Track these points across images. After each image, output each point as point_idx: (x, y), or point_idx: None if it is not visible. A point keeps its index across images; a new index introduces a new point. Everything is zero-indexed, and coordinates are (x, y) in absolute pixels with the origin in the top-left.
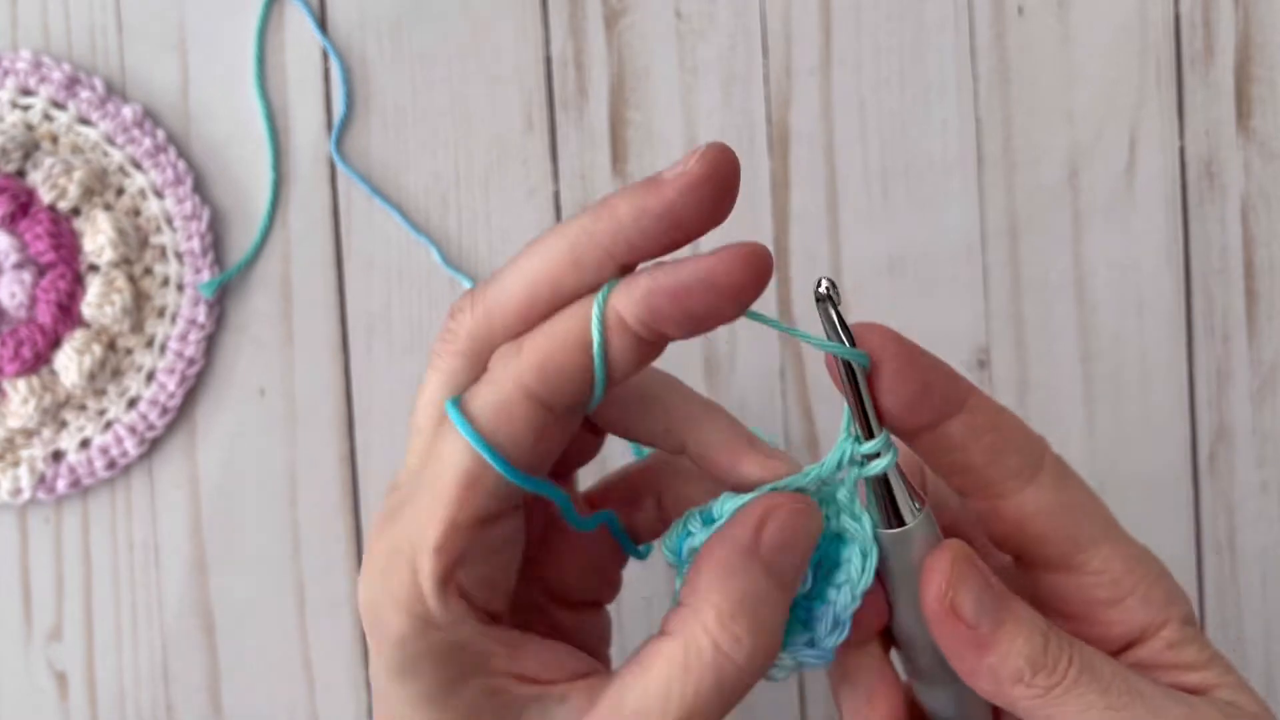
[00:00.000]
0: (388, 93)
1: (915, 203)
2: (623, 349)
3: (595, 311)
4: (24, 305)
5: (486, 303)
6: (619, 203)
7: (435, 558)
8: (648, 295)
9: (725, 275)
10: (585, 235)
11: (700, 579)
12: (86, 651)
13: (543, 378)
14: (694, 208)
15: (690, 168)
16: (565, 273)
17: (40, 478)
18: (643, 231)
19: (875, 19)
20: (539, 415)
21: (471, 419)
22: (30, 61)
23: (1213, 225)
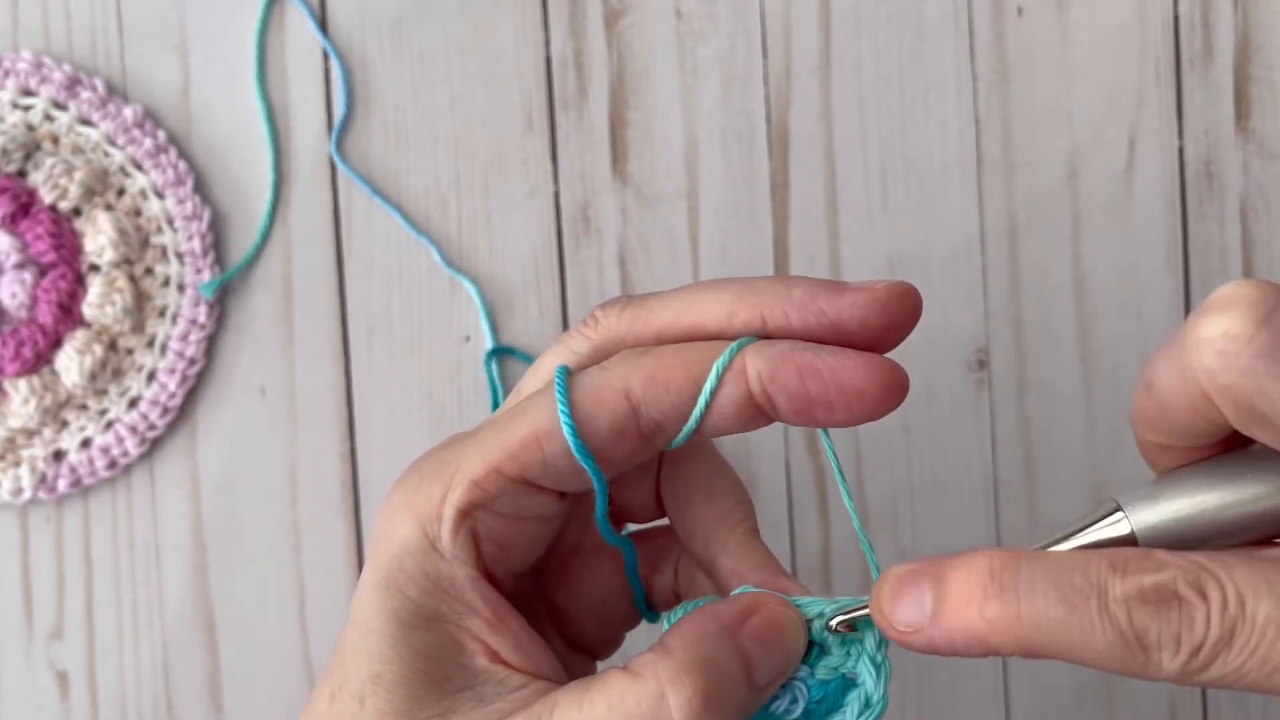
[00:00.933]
0: (388, 93)
1: (915, 203)
2: (731, 398)
3: (728, 350)
4: (25, 305)
5: (636, 311)
6: (799, 285)
7: (469, 487)
8: (778, 358)
9: (855, 379)
10: (751, 293)
11: (674, 636)
12: (87, 651)
13: (647, 385)
14: (858, 327)
15: (875, 295)
16: (718, 316)
17: (41, 477)
18: (803, 319)
19: (875, 19)
20: (627, 416)
21: (570, 389)
22: (31, 62)
23: (1212, 226)
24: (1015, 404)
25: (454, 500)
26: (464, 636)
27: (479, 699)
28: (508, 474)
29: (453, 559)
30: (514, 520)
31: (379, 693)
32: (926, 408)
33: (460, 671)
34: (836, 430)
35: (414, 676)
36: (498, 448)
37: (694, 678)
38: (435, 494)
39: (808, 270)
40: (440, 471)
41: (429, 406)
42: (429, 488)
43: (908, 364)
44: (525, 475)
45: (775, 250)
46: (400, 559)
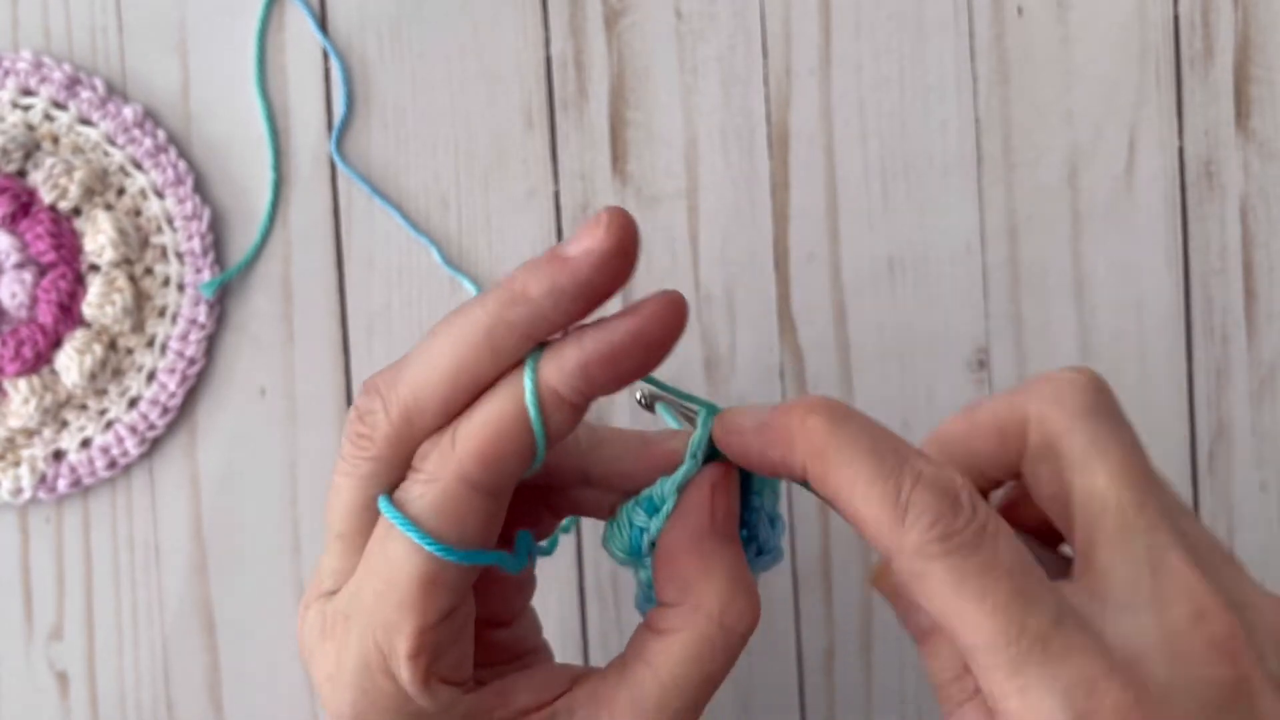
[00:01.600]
0: (388, 93)
1: (915, 203)
2: (560, 421)
3: (529, 394)
4: (25, 305)
5: (403, 404)
6: (530, 286)
7: (412, 664)
8: (583, 368)
9: (659, 330)
10: (502, 325)
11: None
12: (87, 651)
13: (485, 466)
14: (608, 280)
15: (598, 243)
16: (485, 365)
17: (41, 477)
18: (562, 312)
19: (875, 19)
20: (484, 503)
21: (414, 519)
22: (31, 62)
23: (1212, 225)
24: None
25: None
26: None
27: None
28: (431, 625)
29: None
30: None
31: None
32: (926, 408)
33: None
34: None
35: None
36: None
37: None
38: (388, 687)
39: (807, 270)
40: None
41: None
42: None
43: (908, 363)
44: (443, 613)
45: (775, 250)
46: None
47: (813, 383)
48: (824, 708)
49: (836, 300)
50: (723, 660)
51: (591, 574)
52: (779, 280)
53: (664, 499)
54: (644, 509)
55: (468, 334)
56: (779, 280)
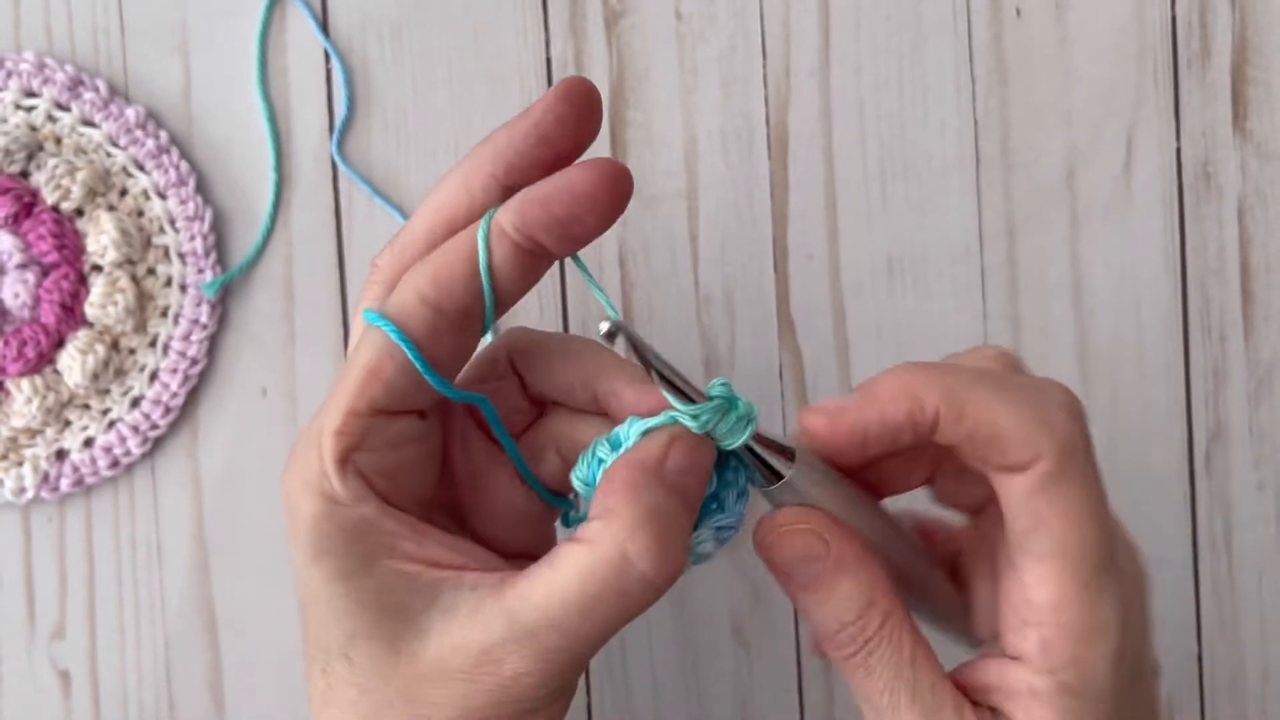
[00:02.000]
0: (389, 94)
1: (914, 203)
2: (504, 257)
3: (482, 223)
4: (27, 305)
5: (400, 240)
6: (496, 132)
7: (335, 439)
8: (521, 204)
9: (582, 183)
10: (471, 164)
11: (612, 495)
12: (89, 650)
13: (435, 284)
14: (555, 125)
15: (550, 95)
16: (459, 200)
17: (44, 477)
18: (518, 152)
19: (874, 20)
20: (433, 316)
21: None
22: (34, 63)
23: (1209, 226)
24: None
25: (328, 455)
26: (401, 563)
27: (444, 609)
28: (361, 411)
29: (354, 502)
30: (389, 450)
31: (359, 646)
32: None
33: (415, 594)
34: None
35: (381, 618)
36: (344, 395)
37: (644, 529)
38: (313, 459)
39: (805, 271)
40: (309, 440)
41: None
42: (306, 457)
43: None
44: (376, 406)
45: (775, 250)
46: (314, 527)
47: (812, 383)
48: (823, 707)
49: (836, 300)
50: (612, 587)
51: None
52: (779, 280)
53: (628, 438)
54: (610, 444)
55: (448, 179)
56: (779, 280)
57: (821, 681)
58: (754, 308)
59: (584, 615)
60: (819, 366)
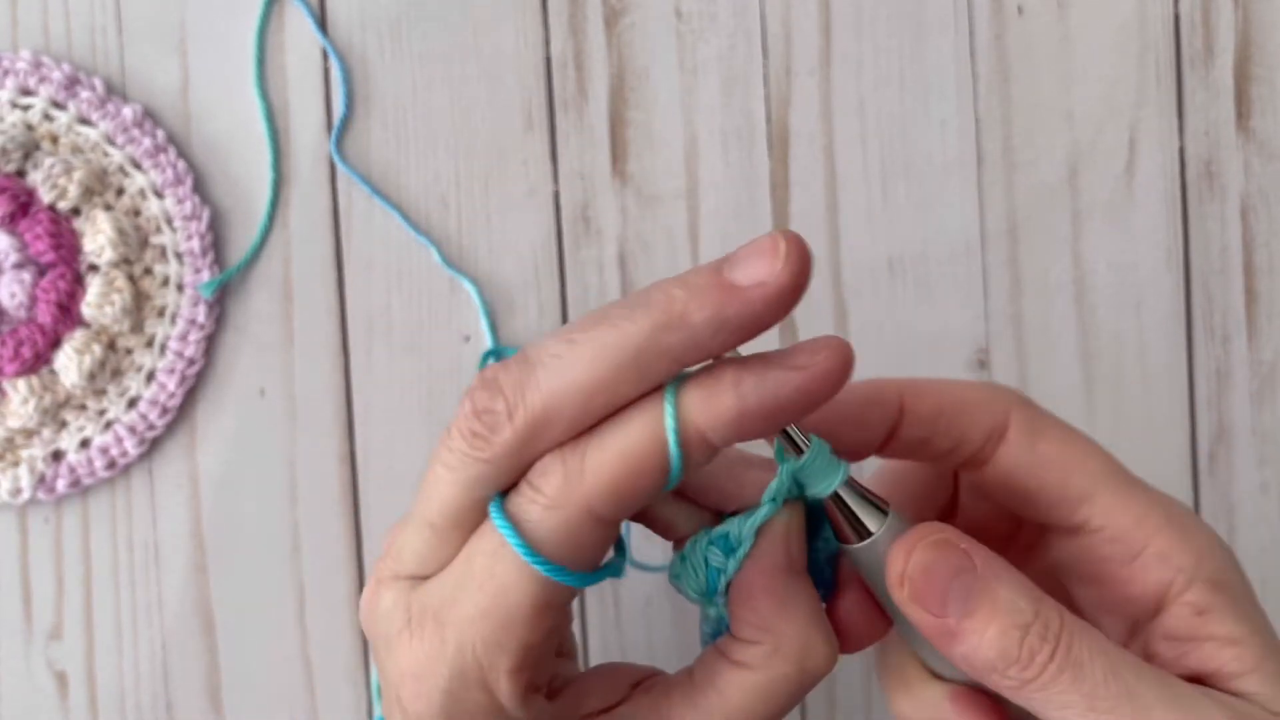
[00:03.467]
0: (388, 93)
1: (915, 203)
2: (699, 462)
3: (671, 434)
4: (24, 305)
5: (531, 414)
6: (692, 311)
7: (514, 679)
8: (739, 418)
9: (826, 389)
10: (654, 349)
11: (765, 616)
12: (86, 651)
13: (614, 502)
14: (777, 315)
15: (775, 277)
16: (628, 386)
17: (40, 478)
18: (721, 344)
19: (875, 19)
20: (605, 534)
21: (532, 543)
22: (30, 61)
23: (1212, 225)
24: None
25: (508, 693)
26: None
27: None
28: (536, 644)
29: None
30: (550, 652)
31: None
32: None
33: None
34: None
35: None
36: (514, 632)
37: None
38: (482, 700)
39: None
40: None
41: (429, 406)
42: (472, 699)
43: (908, 364)
44: (549, 633)
45: None
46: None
47: None
48: (824, 709)
49: (836, 300)
50: (795, 700)
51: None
52: None
53: (740, 540)
54: (720, 548)
55: (614, 352)
56: None
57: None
58: None
59: None
60: None
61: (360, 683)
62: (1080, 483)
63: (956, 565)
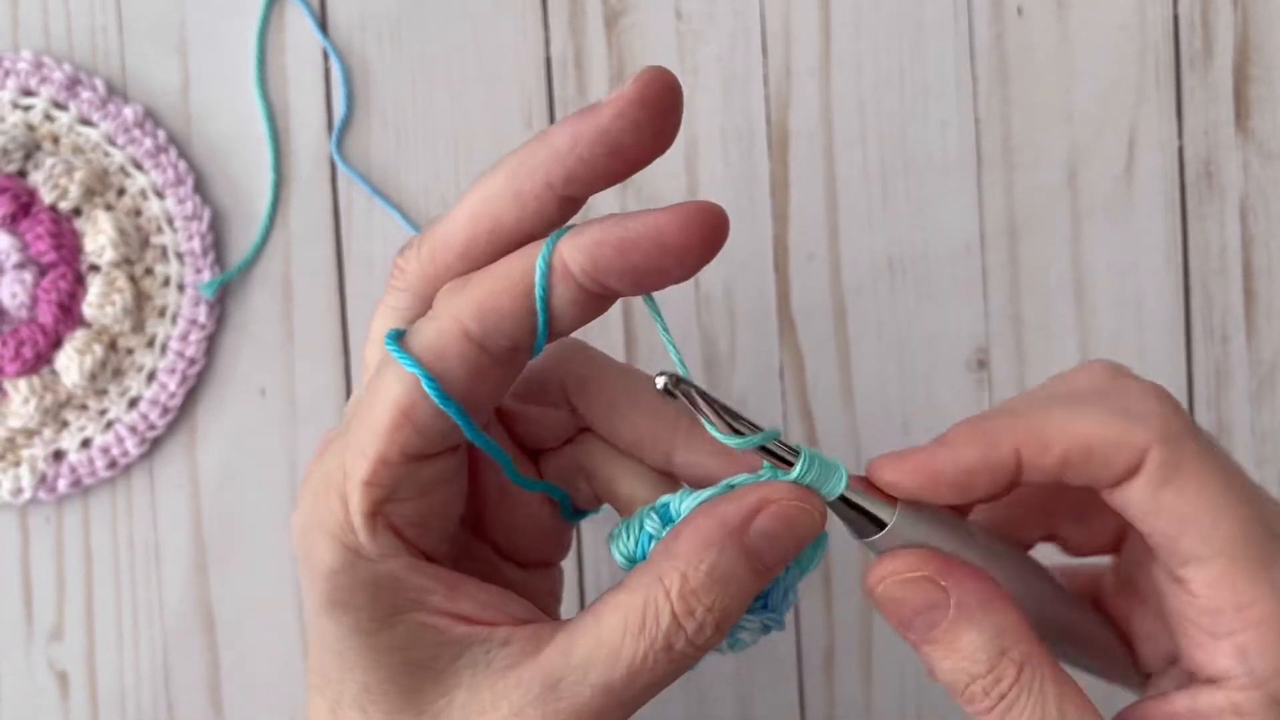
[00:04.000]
0: (388, 93)
1: (914, 203)
2: (566, 298)
3: (541, 256)
4: (25, 305)
5: (433, 242)
6: (556, 131)
7: (364, 490)
8: (594, 245)
9: (676, 233)
10: (523, 167)
11: (677, 544)
12: (87, 651)
13: (481, 317)
14: (630, 132)
15: (624, 92)
16: (506, 206)
17: (41, 477)
18: (580, 159)
19: (875, 19)
20: (476, 354)
21: (410, 352)
22: (31, 62)
23: (1211, 225)
24: None
25: (357, 507)
26: (429, 617)
27: (474, 665)
28: (393, 460)
29: (382, 558)
30: (421, 497)
31: (375, 700)
32: (926, 408)
33: (443, 649)
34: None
35: (401, 671)
36: (372, 439)
37: (703, 593)
38: (337, 508)
39: (806, 270)
40: (329, 484)
41: None
42: (328, 503)
43: (908, 363)
44: (408, 452)
45: (775, 250)
46: (333, 579)
47: (812, 383)
48: (824, 709)
49: (836, 300)
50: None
51: (591, 574)
52: (779, 280)
53: (679, 513)
54: (659, 516)
55: (494, 178)
56: (779, 280)
57: (822, 682)
58: (754, 308)
59: (630, 677)
60: (819, 366)
61: None
62: (1194, 545)
63: (927, 602)
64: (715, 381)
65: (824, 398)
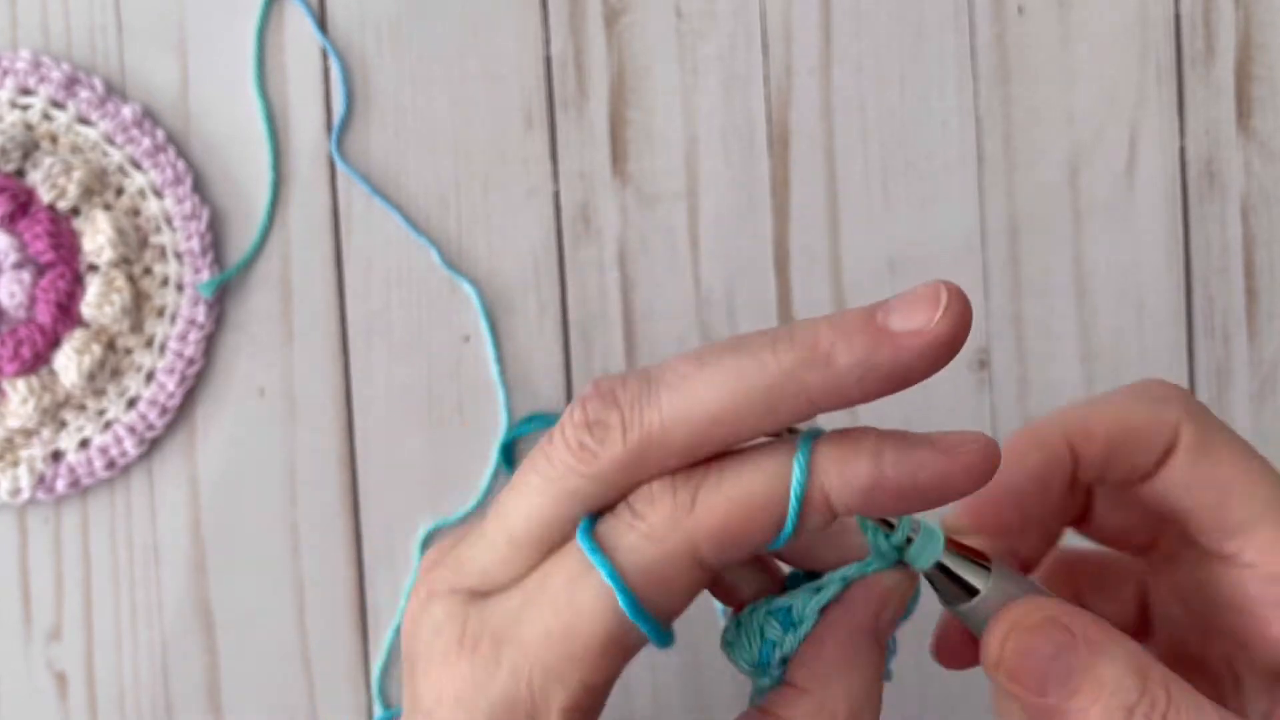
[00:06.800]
0: (388, 92)
1: (915, 202)
2: (816, 526)
3: (795, 490)
4: (23, 305)
5: (647, 432)
6: (839, 352)
7: (565, 718)
8: (871, 490)
9: (965, 483)
10: (792, 385)
11: (828, 667)
12: (86, 652)
13: (719, 547)
14: (929, 369)
15: (933, 328)
16: (754, 420)
17: (39, 478)
18: (864, 391)
19: (876, 18)
20: (701, 580)
21: (622, 573)
22: (30, 61)
23: (1213, 225)
24: (1015, 404)
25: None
26: None
27: None
28: (598, 687)
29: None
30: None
31: None
32: (926, 408)
33: None
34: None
35: None
36: (577, 668)
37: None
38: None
39: (808, 269)
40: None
41: (429, 406)
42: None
43: None
44: (613, 677)
45: (775, 250)
46: None
47: None
48: None
49: (836, 300)
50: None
51: None
52: (779, 280)
53: (802, 618)
54: (779, 621)
55: (747, 381)
56: (779, 280)
57: None
58: (754, 308)
59: None
60: None
61: (360, 683)
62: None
63: (1058, 644)
64: None
65: None
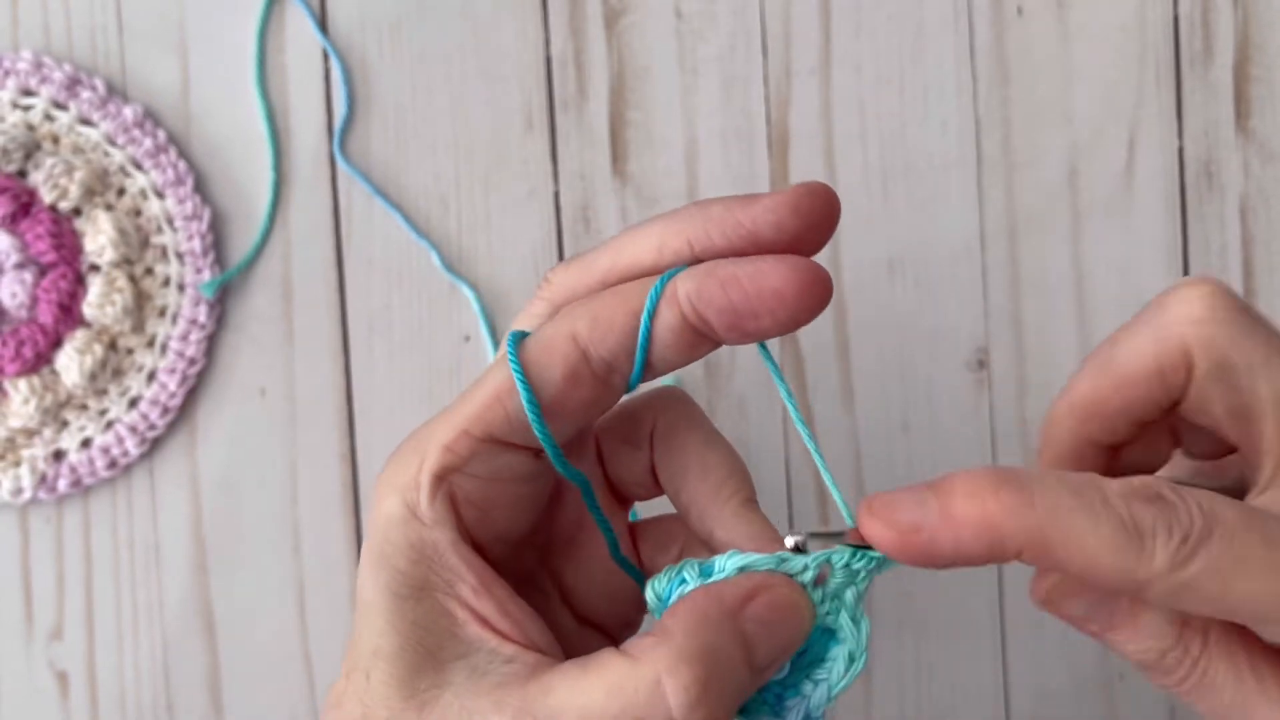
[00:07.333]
0: (388, 93)
1: (915, 203)
2: (669, 325)
3: (657, 282)
4: (25, 305)
5: (578, 266)
6: (715, 204)
7: (440, 452)
8: (702, 276)
9: (773, 278)
10: (675, 223)
11: (674, 618)
12: (87, 651)
13: (591, 327)
14: (773, 232)
15: (784, 196)
16: (648, 253)
17: (41, 477)
18: (724, 234)
19: (875, 19)
20: (578, 360)
21: (523, 348)
22: (31, 62)
23: (1211, 225)
24: (1015, 404)
25: (428, 466)
26: (452, 604)
27: (472, 669)
28: (475, 434)
29: (433, 524)
30: (490, 481)
31: (380, 666)
32: (926, 408)
33: (453, 641)
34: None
35: (410, 647)
36: (463, 412)
37: (692, 665)
38: (412, 465)
39: None
40: (416, 445)
41: (429, 406)
42: (406, 460)
43: (908, 363)
44: (492, 433)
45: None
46: (386, 532)
47: (813, 383)
48: None
49: (837, 300)
50: (635, 714)
51: None
52: None
53: (723, 570)
54: (700, 569)
55: (647, 229)
56: None
57: None
58: None
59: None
60: (820, 366)
61: None
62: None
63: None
64: (715, 383)
65: (824, 398)
